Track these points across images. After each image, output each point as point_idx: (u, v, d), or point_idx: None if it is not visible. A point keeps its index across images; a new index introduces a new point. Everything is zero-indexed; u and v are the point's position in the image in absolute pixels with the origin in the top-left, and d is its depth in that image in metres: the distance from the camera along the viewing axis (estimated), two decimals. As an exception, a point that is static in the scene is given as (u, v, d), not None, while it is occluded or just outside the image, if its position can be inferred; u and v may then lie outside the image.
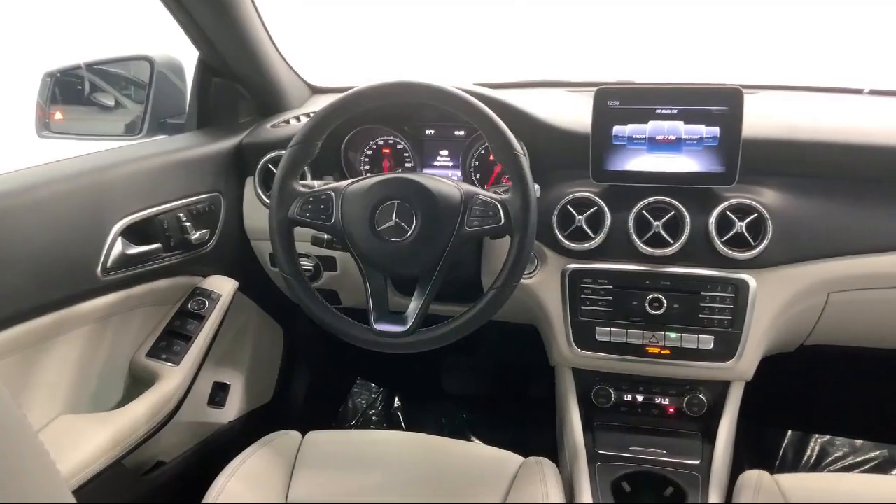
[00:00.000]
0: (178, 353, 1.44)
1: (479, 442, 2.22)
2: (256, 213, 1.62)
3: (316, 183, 1.36)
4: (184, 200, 1.48)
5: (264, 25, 1.63)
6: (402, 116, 1.61)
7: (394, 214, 1.23)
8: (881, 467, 2.11)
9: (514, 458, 1.38)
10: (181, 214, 1.47)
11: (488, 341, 2.29)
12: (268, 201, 1.46)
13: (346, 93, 1.25)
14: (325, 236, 1.38)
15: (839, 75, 1.86)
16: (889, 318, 1.47)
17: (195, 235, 1.49)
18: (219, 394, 1.77)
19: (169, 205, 1.45)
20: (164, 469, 1.59)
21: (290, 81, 1.81)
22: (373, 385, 2.49)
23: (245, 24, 1.55)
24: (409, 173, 1.27)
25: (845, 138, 1.41)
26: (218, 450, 1.66)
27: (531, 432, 2.01)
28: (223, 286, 1.56)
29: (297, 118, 1.69)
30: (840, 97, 1.73)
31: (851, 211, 1.38)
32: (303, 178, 1.53)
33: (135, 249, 1.36)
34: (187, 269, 1.52)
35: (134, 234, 1.37)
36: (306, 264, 1.64)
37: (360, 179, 1.28)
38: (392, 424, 2.37)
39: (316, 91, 1.93)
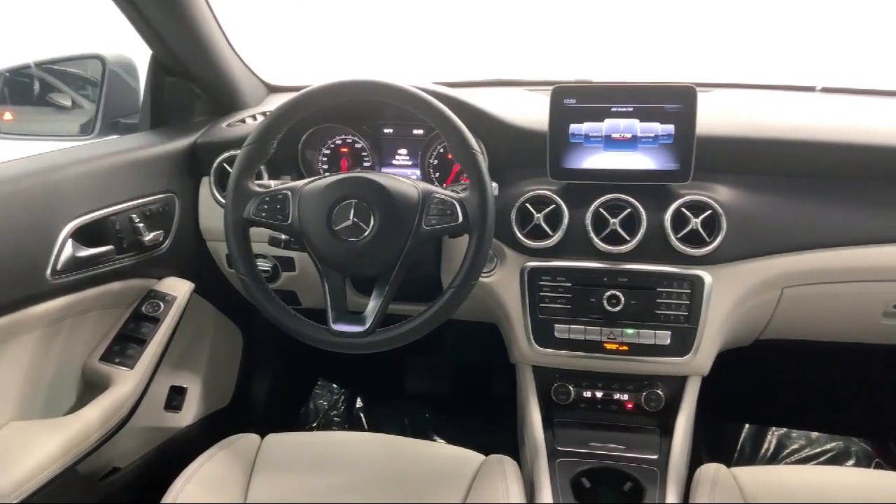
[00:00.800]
0: (133, 357, 1.42)
1: (441, 441, 2.23)
2: (212, 213, 1.60)
3: (272, 183, 1.35)
4: (137, 201, 1.46)
5: (218, 23, 1.61)
6: (361, 115, 1.60)
7: (351, 214, 1.22)
8: (836, 459, 2.15)
9: (475, 457, 1.38)
10: (134, 215, 1.44)
11: (450, 340, 2.29)
12: (223, 201, 1.44)
13: (302, 91, 1.24)
14: (282, 236, 1.37)
15: (792, 73, 1.90)
16: (841, 312, 1.50)
17: (149, 237, 1.46)
18: (175, 398, 1.74)
19: (121, 206, 1.42)
20: (120, 475, 1.56)
21: (246, 80, 1.79)
22: (334, 386, 2.47)
23: (198, 21, 1.53)
24: (367, 172, 1.27)
25: (798, 135, 1.43)
26: (175, 454, 1.63)
27: (494, 430, 2.02)
28: (178, 288, 1.54)
29: (254, 117, 1.67)
30: (793, 95, 1.76)
31: (804, 207, 1.41)
32: (259, 177, 1.51)
33: (86, 252, 1.33)
34: (141, 271, 1.50)
35: (85, 235, 1.34)
36: (264, 265, 1.62)
37: (317, 179, 1.27)
38: (354, 425, 2.35)
39: (273, 90, 1.91)
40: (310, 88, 1.24)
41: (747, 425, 2.22)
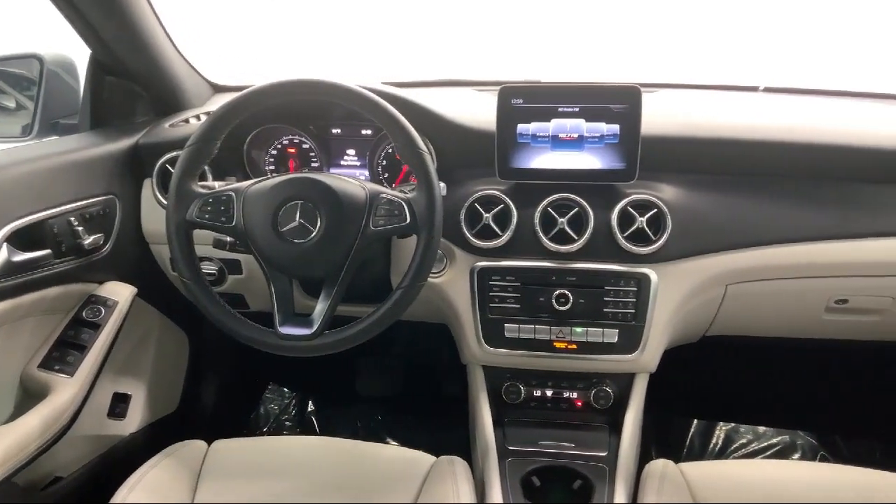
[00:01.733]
0: (72, 364, 1.38)
1: (395, 443, 2.22)
2: (154, 215, 1.57)
3: (217, 184, 1.32)
4: (75, 204, 1.42)
5: (160, 21, 1.58)
6: (308, 115, 1.58)
7: (297, 215, 1.21)
8: (783, 453, 2.20)
9: (425, 458, 1.38)
10: (72, 219, 1.40)
11: (402, 341, 2.28)
12: (166, 203, 1.41)
13: (245, 91, 1.22)
14: (227, 239, 1.35)
15: (735, 73, 1.93)
16: (784, 308, 1.53)
17: (88, 240, 1.42)
18: (119, 405, 1.70)
19: (59, 209, 1.38)
20: (62, 484, 1.53)
21: (190, 79, 1.75)
22: (285, 390, 2.44)
23: (137, 19, 1.50)
24: (313, 173, 1.25)
25: (741, 135, 1.46)
26: (119, 463, 1.60)
27: (447, 431, 2.01)
28: (120, 292, 1.50)
29: (198, 117, 1.64)
30: (736, 95, 1.79)
31: (747, 205, 1.43)
32: (203, 178, 1.49)
33: (22, 256, 1.29)
34: (81, 275, 1.46)
35: (21, 240, 1.30)
36: (209, 268, 1.59)
37: (262, 180, 1.25)
38: (306, 429, 2.33)
39: (219, 90, 1.89)
40: (253, 88, 1.22)
41: (696, 421, 2.25)
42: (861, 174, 1.42)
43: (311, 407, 2.38)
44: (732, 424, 2.25)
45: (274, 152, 1.62)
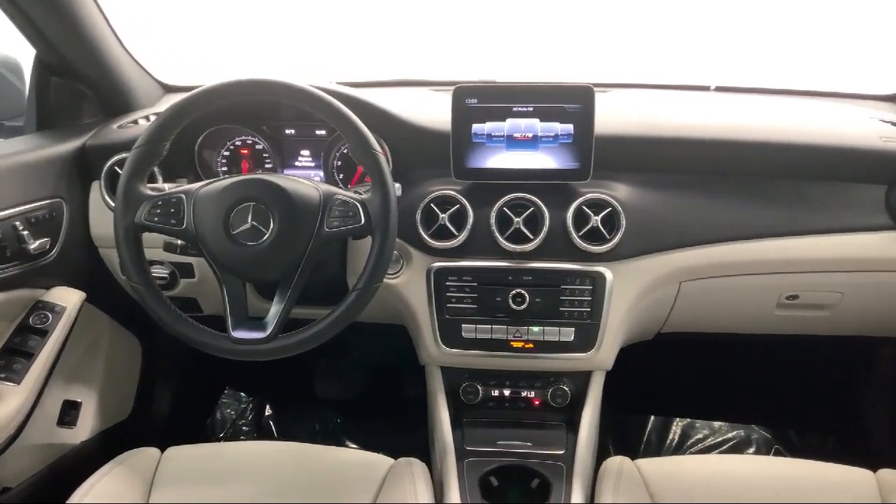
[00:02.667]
0: (19, 372, 1.35)
1: (354, 446, 2.20)
2: (103, 219, 1.53)
3: (167, 186, 1.30)
4: (20, 207, 1.38)
5: (107, 20, 1.55)
6: (261, 116, 1.56)
7: (249, 217, 1.19)
8: (738, 447, 2.23)
9: (384, 461, 1.37)
10: (17, 223, 1.36)
11: (360, 343, 2.27)
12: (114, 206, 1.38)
13: (194, 91, 1.21)
14: (178, 242, 1.32)
15: (687, 73, 1.96)
16: (737, 305, 1.56)
17: (34, 245, 1.39)
18: (69, 412, 1.66)
19: (3, 213, 1.34)
20: (10, 495, 1.49)
21: (139, 80, 1.72)
22: (242, 394, 2.40)
23: (84, 19, 1.46)
24: (265, 174, 1.24)
25: (693, 134, 1.48)
26: (70, 472, 1.55)
27: (407, 432, 2.01)
28: (68, 298, 1.47)
29: (147, 118, 1.62)
30: (688, 94, 1.82)
31: (700, 203, 1.45)
32: (153, 180, 1.46)
33: None
34: (27, 281, 1.42)
35: None
36: (161, 272, 1.56)
37: (213, 181, 1.23)
38: (263, 434, 2.30)
39: (169, 90, 1.86)
40: (203, 88, 1.20)
41: (653, 417, 2.28)
42: (810, 172, 1.45)
43: (268, 411, 2.35)
44: (688, 420, 2.28)
45: (226, 153, 1.60)
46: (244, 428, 2.32)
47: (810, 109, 1.70)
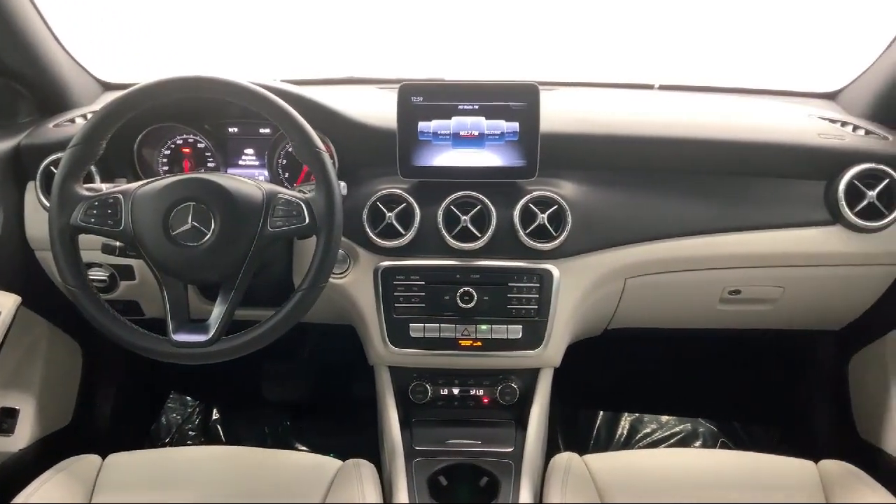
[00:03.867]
0: (-50, 380, 1.30)
1: (304, 449, 2.18)
2: (38, 220, 1.49)
3: (104, 186, 1.26)
4: None
5: (42, 17, 1.50)
6: (203, 113, 1.53)
7: (189, 217, 1.17)
8: (685, 440, 2.26)
9: (331, 463, 1.36)
10: None
11: (309, 344, 2.24)
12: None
13: (131, 89, 1.18)
14: (117, 243, 1.29)
15: (632, 72, 1.98)
16: (681, 300, 1.58)
17: None
18: (6, 420, 1.61)
19: None
20: (-57, 507, 1.43)
21: (77, 77, 1.68)
22: (188, 398, 2.35)
23: (16, 15, 1.42)
24: (205, 173, 1.22)
25: (637, 131, 1.49)
26: (7, 481, 1.50)
27: (358, 434, 1.99)
28: (2, 302, 1.42)
29: (84, 116, 1.57)
30: (632, 93, 1.84)
31: (644, 200, 1.47)
32: (90, 180, 1.42)
33: None
34: None
35: None
36: (99, 274, 1.52)
37: (152, 181, 1.21)
38: (210, 439, 2.25)
39: (109, 87, 1.81)
40: (140, 86, 1.18)
41: (602, 413, 2.30)
42: (751, 168, 1.48)
43: (215, 415, 2.30)
44: (637, 415, 2.30)
45: (167, 152, 1.56)
46: (190, 433, 2.27)
47: (752, 107, 1.73)
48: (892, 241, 1.47)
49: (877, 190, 1.42)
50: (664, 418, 2.31)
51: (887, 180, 1.42)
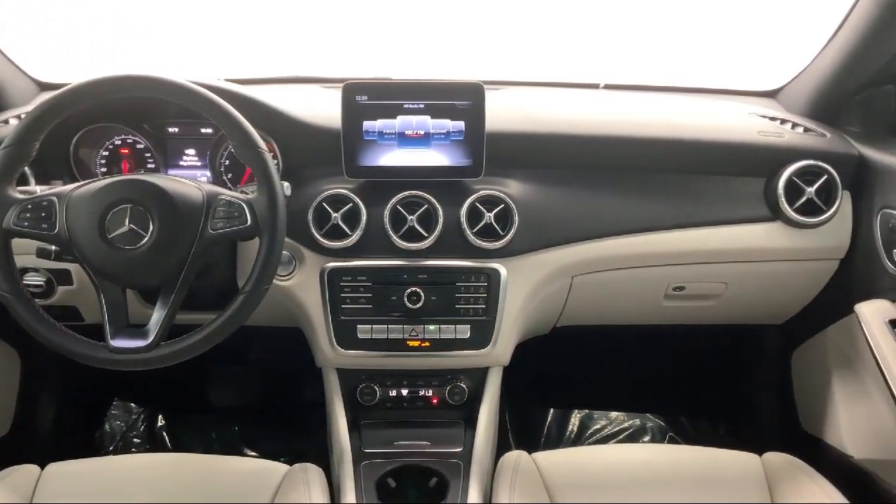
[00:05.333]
0: None
1: (253, 454, 2.15)
2: (-30, 224, 1.43)
3: (39, 188, 1.23)
4: None
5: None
6: (141, 113, 1.50)
7: (127, 220, 1.14)
8: (634, 436, 2.28)
9: (278, 468, 1.34)
10: None
11: (257, 347, 2.21)
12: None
13: (65, 88, 1.15)
14: (52, 247, 1.25)
15: (578, 71, 1.99)
16: (626, 296, 1.60)
17: None
18: (-60, 431, 1.55)
19: None
20: None
21: (11, 78, 1.64)
22: (132, 405, 2.30)
23: None
24: (143, 174, 1.19)
25: (582, 130, 1.51)
26: None
27: (308, 437, 1.97)
28: None
29: (19, 117, 1.52)
30: (578, 92, 1.85)
31: (589, 198, 1.48)
32: (25, 183, 1.38)
33: None
34: None
35: None
36: (35, 279, 1.47)
37: (88, 183, 1.18)
38: (156, 446, 2.20)
39: (45, 87, 1.77)
40: (74, 85, 1.15)
41: (552, 410, 2.31)
42: (693, 166, 1.50)
43: (160, 422, 2.25)
44: (587, 411, 2.32)
45: (105, 153, 1.52)
46: (135, 440, 2.21)
47: (695, 106, 1.76)
48: (830, 237, 1.50)
49: (815, 186, 1.45)
50: (613, 414, 2.32)
51: (825, 177, 1.45)
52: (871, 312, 1.39)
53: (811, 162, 1.45)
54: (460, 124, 1.38)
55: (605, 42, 2.21)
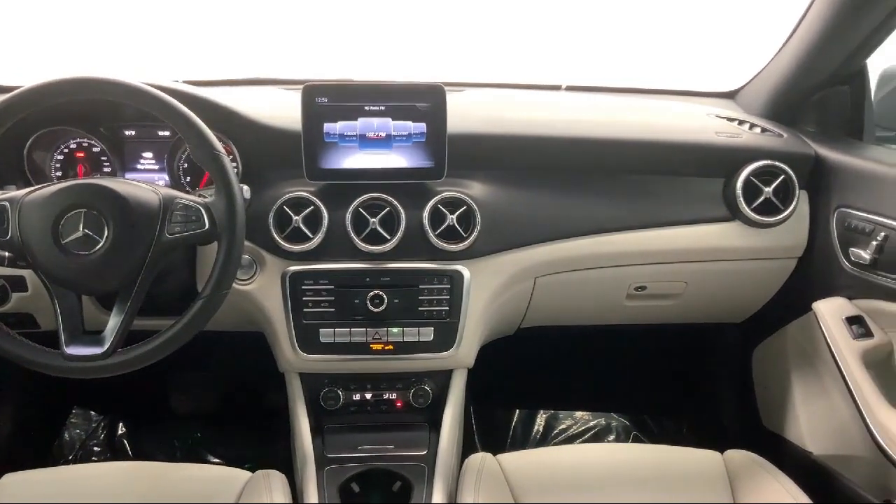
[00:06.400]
0: None
1: (217, 461, 2.12)
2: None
3: None
4: None
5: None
6: (97, 116, 1.47)
7: (81, 225, 1.12)
8: (599, 435, 2.30)
9: (240, 475, 1.32)
10: None
11: (219, 353, 2.18)
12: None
13: (17, 91, 1.12)
14: (6, 254, 1.22)
15: (540, 72, 2.00)
16: (588, 297, 1.61)
17: None
18: None
19: None
20: None
21: None
22: (92, 413, 2.26)
23: None
24: (97, 178, 1.17)
25: (544, 131, 1.51)
26: None
27: (273, 443, 1.95)
28: None
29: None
30: (540, 93, 1.86)
31: (551, 199, 1.49)
32: None
33: None
34: None
35: None
36: (-12, 286, 1.44)
37: (41, 188, 1.15)
38: (117, 455, 2.16)
39: (-3, 90, 1.72)
40: (25, 88, 1.12)
41: (518, 411, 2.31)
42: (653, 167, 1.51)
43: (121, 430, 2.21)
44: (552, 411, 2.33)
45: (60, 157, 1.49)
46: (95, 449, 2.17)
47: (655, 107, 1.77)
48: (788, 236, 1.53)
49: (773, 186, 1.47)
50: (578, 414, 2.34)
51: (783, 176, 1.47)
52: (828, 310, 1.42)
53: (768, 162, 1.47)
54: (422, 126, 1.38)
55: (568, 44, 2.22)
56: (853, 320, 1.38)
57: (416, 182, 1.42)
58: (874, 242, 1.34)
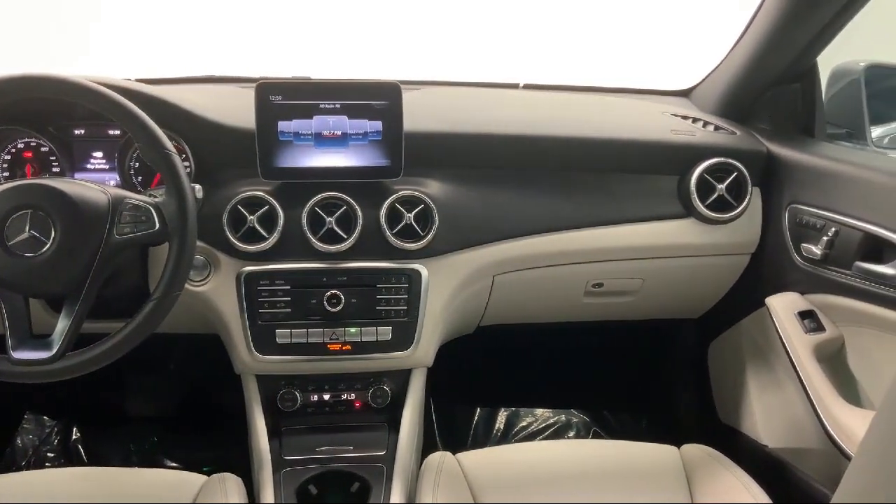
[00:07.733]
0: None
1: (174, 465, 2.09)
2: None
3: None
4: None
5: None
6: (45, 115, 1.43)
7: (27, 226, 1.09)
8: (559, 432, 2.31)
9: (195, 479, 1.30)
10: None
11: (176, 355, 2.15)
12: None
13: None
14: None
15: (498, 71, 2.00)
16: (546, 294, 1.61)
17: None
18: None
19: None
20: None
21: None
22: (45, 418, 2.20)
23: None
24: (44, 179, 1.14)
25: (501, 129, 1.51)
26: None
27: (230, 446, 1.92)
28: None
29: None
30: (498, 91, 1.86)
31: (508, 197, 1.49)
32: None
33: None
34: None
35: None
36: (-68, 290, 1.39)
37: None
38: (71, 460, 2.11)
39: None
40: None
41: (479, 409, 2.31)
42: (609, 164, 1.52)
43: (75, 434, 2.17)
44: (513, 409, 2.33)
45: (7, 157, 1.45)
46: (49, 455, 2.12)
47: (611, 105, 1.79)
48: (741, 232, 1.55)
49: (726, 183, 1.49)
50: (539, 411, 2.34)
51: (735, 173, 1.49)
52: (781, 305, 1.44)
53: (722, 159, 1.49)
54: (378, 124, 1.37)
55: (525, 42, 2.23)
56: (805, 315, 1.40)
57: (373, 181, 1.41)
58: (825, 238, 1.36)
